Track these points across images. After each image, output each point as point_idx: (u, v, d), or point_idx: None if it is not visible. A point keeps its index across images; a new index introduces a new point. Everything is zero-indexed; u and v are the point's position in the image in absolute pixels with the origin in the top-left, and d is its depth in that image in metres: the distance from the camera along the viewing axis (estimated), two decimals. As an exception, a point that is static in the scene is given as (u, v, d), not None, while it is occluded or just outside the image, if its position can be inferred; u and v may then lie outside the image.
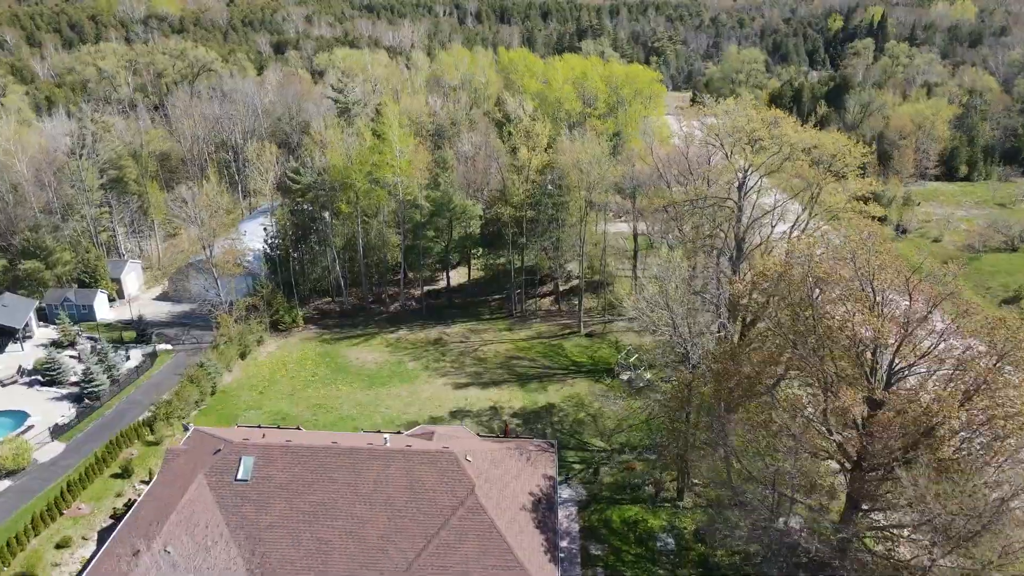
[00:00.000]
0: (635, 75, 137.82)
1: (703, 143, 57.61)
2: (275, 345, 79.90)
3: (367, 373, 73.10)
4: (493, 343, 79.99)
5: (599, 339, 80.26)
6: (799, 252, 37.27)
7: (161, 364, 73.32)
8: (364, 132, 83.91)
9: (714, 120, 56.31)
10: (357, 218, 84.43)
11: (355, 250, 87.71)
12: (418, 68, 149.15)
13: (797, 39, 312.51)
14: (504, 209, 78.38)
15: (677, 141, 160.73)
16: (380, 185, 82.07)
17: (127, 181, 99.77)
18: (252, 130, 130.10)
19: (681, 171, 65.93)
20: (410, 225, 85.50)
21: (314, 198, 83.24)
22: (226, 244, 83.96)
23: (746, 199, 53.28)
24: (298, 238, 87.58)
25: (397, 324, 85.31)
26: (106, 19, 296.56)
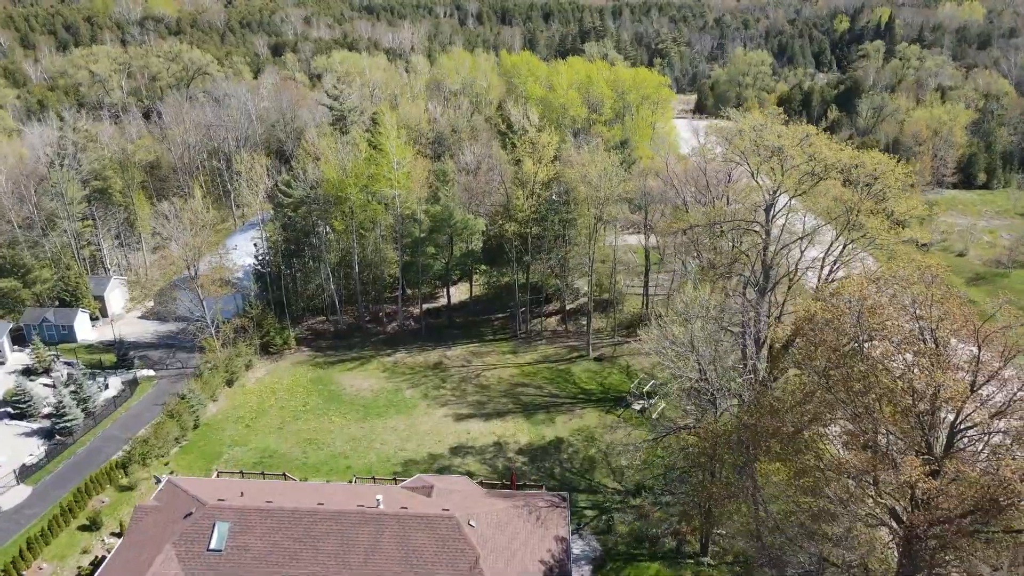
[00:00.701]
0: (642, 80, 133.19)
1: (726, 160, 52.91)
2: (265, 369, 75.24)
3: (362, 402, 68.40)
4: (496, 368, 75.29)
5: (609, 363, 75.56)
6: (849, 295, 32.55)
7: (142, 393, 68.62)
8: (360, 142, 79.20)
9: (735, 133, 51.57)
10: (352, 233, 79.74)
11: (351, 266, 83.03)
12: (417, 72, 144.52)
13: (803, 40, 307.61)
14: (508, 225, 73.65)
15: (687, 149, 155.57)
16: (377, 199, 77.41)
17: (112, 192, 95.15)
18: (246, 137, 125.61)
19: (699, 188, 61.26)
20: (409, 240, 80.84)
21: (307, 213, 78.56)
22: (213, 261, 79.38)
23: (774, 222, 48.63)
24: (290, 254, 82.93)
25: (395, 346, 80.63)
26: (102, 20, 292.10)
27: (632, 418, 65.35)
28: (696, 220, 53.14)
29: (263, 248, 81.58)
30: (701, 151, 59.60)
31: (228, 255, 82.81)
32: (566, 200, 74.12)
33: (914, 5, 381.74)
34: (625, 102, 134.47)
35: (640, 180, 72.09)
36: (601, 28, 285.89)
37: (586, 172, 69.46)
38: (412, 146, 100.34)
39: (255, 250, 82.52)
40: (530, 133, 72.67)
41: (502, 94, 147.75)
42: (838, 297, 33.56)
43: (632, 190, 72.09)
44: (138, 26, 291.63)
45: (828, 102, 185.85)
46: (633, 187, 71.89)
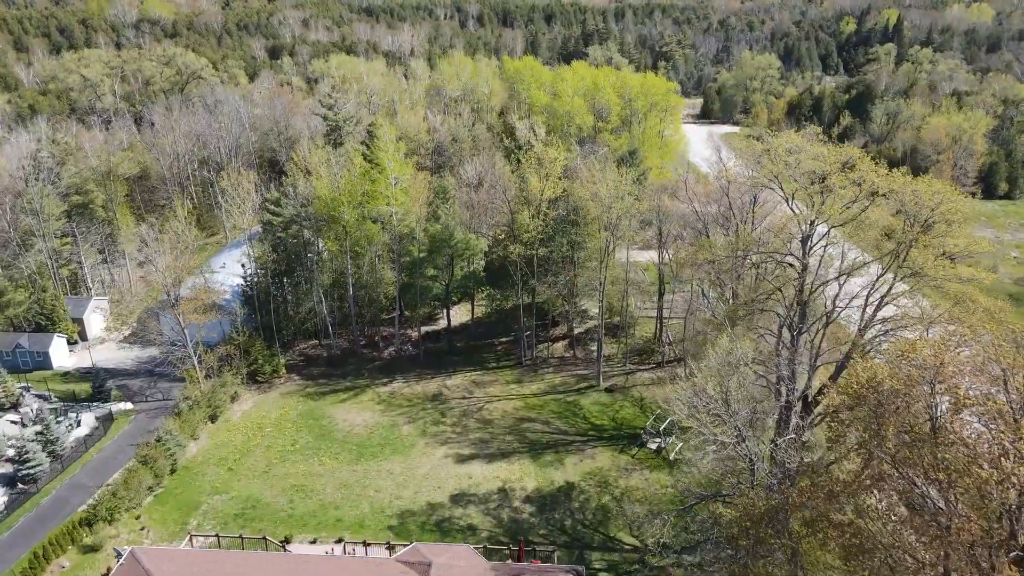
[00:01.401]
0: (650, 86, 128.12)
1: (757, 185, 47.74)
2: (252, 401, 70.13)
3: (355, 441, 63.24)
4: (500, 399, 70.14)
5: (621, 395, 70.40)
6: (923, 359, 27.42)
7: (118, 430, 63.49)
8: (355, 157, 74.07)
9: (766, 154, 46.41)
10: (346, 254, 74.64)
11: (345, 288, 77.93)
12: (417, 78, 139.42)
13: (809, 43, 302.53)
14: (513, 247, 68.50)
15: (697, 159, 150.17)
16: (372, 219, 72.32)
17: (94, 207, 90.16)
18: (237, 146, 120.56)
19: (721, 210, 56.16)
20: (407, 260, 75.85)
21: (297, 232, 73.49)
22: (197, 284, 74.33)
23: (811, 254, 43.56)
24: (280, 273, 77.82)
25: (391, 373, 75.51)
26: (96, 23, 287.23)
27: (648, 459, 60.20)
28: (723, 251, 47.97)
29: (251, 269, 76.47)
30: (726, 175, 54.41)
31: (214, 276, 77.83)
32: (574, 220, 68.97)
33: (920, 7, 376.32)
34: (632, 109, 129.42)
35: (655, 198, 66.89)
36: (604, 30, 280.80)
37: (597, 190, 64.29)
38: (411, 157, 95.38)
39: (243, 270, 77.45)
40: (536, 148, 67.47)
41: (504, 101, 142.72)
42: (908, 360, 28.40)
43: (646, 210, 66.99)
44: (133, 29, 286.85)
45: (840, 107, 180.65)
46: (647, 207, 66.76)
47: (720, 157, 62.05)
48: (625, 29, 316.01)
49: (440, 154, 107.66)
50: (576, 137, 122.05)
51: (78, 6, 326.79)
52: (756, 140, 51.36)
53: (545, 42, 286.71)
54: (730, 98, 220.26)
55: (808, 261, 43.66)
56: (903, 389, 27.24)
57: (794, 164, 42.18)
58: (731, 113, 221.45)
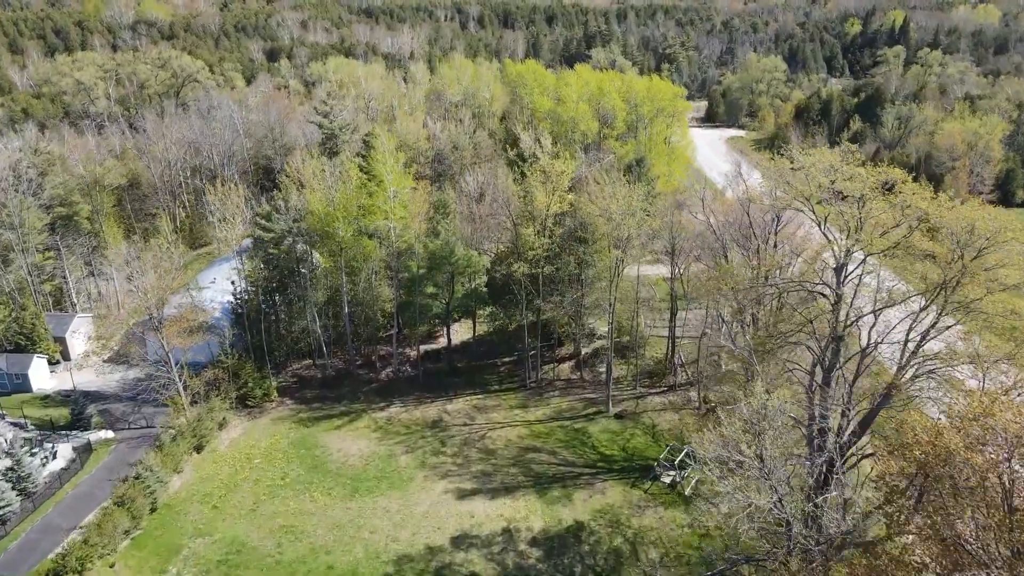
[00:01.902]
0: (656, 91, 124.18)
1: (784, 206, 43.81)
2: (241, 428, 66.24)
3: (350, 473, 59.32)
4: (504, 426, 66.24)
5: (632, 421, 66.46)
6: (1003, 424, 23.51)
7: (97, 463, 59.58)
8: (351, 169, 70.17)
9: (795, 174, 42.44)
10: (341, 271, 70.77)
11: (340, 305, 74.06)
12: (416, 82, 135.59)
13: (814, 44, 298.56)
14: (517, 265, 64.57)
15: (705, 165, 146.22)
16: (369, 235, 68.47)
17: (79, 219, 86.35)
18: (231, 154, 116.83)
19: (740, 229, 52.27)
20: (406, 276, 72.08)
21: (289, 249, 69.62)
22: (183, 303, 70.51)
23: (847, 284, 39.69)
24: (272, 290, 73.96)
25: (388, 397, 71.64)
26: (92, 25, 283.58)
27: (662, 494, 56.29)
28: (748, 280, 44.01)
29: (241, 285, 72.64)
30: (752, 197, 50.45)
31: (202, 293, 74.03)
32: (582, 237, 65.05)
33: (926, 8, 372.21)
34: (638, 115, 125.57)
35: (668, 215, 62.96)
36: (607, 32, 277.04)
37: (607, 206, 60.38)
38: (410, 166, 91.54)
39: (233, 287, 73.65)
40: (542, 160, 63.60)
41: (506, 105, 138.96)
42: (980, 424, 24.49)
43: (659, 227, 63.10)
44: (130, 30, 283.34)
45: (849, 111, 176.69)
46: (660, 223, 62.88)
47: (740, 172, 58.08)
48: (628, 31, 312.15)
49: (440, 162, 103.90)
50: (581, 144, 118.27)
51: (74, 7, 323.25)
52: (777, 154, 47.18)
53: (547, 44, 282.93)
54: (735, 101, 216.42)
55: (843, 291, 39.80)
56: (982, 464, 23.30)
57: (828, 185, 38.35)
58: (736, 116, 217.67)
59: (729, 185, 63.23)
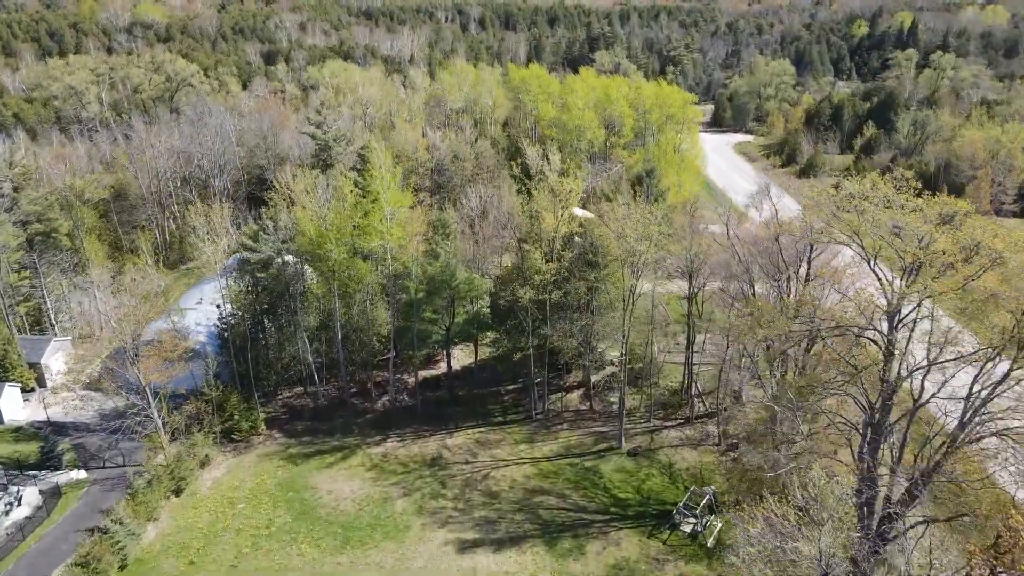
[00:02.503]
0: (666, 97, 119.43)
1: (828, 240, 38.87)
2: (225, 466, 61.45)
3: (341, 520, 54.50)
4: (509, 464, 61.41)
5: (646, 459, 61.60)
6: None
7: (65, 509, 54.76)
8: (345, 185, 65.34)
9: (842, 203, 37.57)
10: (334, 295, 65.96)
11: (333, 330, 69.24)
12: (416, 88, 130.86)
13: (820, 46, 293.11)
14: (523, 291, 59.69)
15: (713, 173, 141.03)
16: (364, 257, 63.71)
17: (58, 236, 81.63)
18: (224, 162, 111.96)
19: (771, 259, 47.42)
20: (404, 298, 67.39)
21: (278, 272, 64.81)
22: (165, 328, 65.78)
23: (899, 331, 34.89)
24: (262, 312, 69.17)
25: (385, 429, 66.84)
26: (87, 27, 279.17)
27: (682, 545, 51.47)
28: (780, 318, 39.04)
29: (227, 309, 67.81)
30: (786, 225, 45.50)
31: (185, 317, 69.27)
32: (593, 261, 60.20)
33: (933, 9, 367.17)
34: (647, 121, 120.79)
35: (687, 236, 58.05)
36: (611, 35, 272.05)
37: (621, 228, 55.53)
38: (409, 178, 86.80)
39: (219, 311, 68.83)
40: (550, 178, 58.81)
41: (509, 111, 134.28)
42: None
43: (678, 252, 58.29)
44: (126, 33, 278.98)
45: (861, 117, 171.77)
46: (679, 248, 58.06)
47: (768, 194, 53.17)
48: (632, 33, 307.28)
49: (440, 173, 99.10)
50: (587, 153, 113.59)
51: (69, 9, 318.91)
52: (814, 178, 42.40)
53: (549, 46, 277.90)
54: (743, 105, 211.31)
55: (895, 338, 35.01)
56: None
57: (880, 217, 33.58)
58: (743, 121, 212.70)
59: (753, 204, 58.38)
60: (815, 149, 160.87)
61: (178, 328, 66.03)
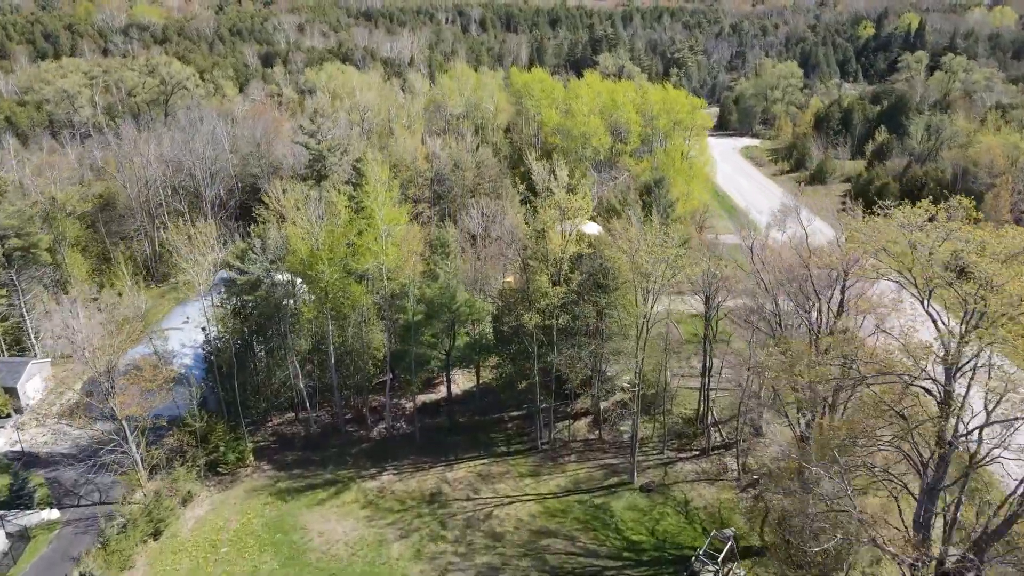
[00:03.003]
0: (673, 102, 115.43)
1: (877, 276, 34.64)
2: (209, 503, 57.35)
3: (332, 567, 50.40)
4: (513, 500, 57.29)
5: (660, 496, 57.45)
6: None
7: (34, 554, 50.66)
8: (339, 200, 61.25)
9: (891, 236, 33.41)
10: (327, 317, 61.87)
11: (326, 354, 65.15)
12: (415, 93, 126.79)
13: (826, 48, 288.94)
14: (528, 315, 55.57)
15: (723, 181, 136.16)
16: (358, 278, 59.63)
17: (38, 251, 77.62)
18: (216, 170, 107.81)
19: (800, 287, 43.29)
20: (402, 319, 63.37)
21: (266, 295, 60.68)
22: (146, 353, 61.74)
23: (957, 380, 30.81)
24: (252, 333, 65.08)
25: (381, 461, 62.74)
26: (83, 29, 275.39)
27: (702, 597, 47.34)
28: (823, 369, 34.83)
29: (213, 332, 63.70)
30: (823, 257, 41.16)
31: (167, 342, 65.17)
32: (602, 283, 56.08)
33: (939, 10, 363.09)
34: (654, 128, 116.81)
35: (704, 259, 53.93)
36: (613, 36, 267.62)
37: (634, 250, 51.41)
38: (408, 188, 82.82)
39: (204, 334, 64.71)
40: (557, 195, 54.68)
41: (511, 116, 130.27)
42: None
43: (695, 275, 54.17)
44: (122, 34, 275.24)
45: (871, 121, 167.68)
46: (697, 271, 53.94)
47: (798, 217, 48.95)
48: (635, 35, 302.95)
49: (440, 182, 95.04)
50: (592, 160, 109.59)
51: (65, 10, 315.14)
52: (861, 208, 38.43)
53: (551, 48, 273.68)
54: (749, 108, 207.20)
55: (954, 388, 30.94)
56: None
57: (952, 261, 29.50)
58: (750, 124, 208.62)
59: (776, 224, 54.25)
60: (825, 154, 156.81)
61: (160, 353, 61.86)
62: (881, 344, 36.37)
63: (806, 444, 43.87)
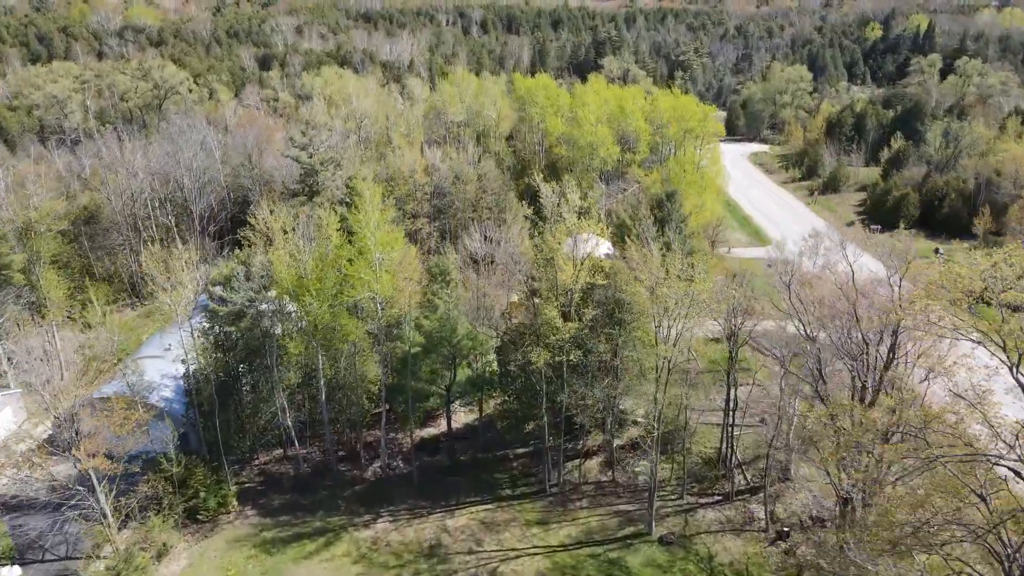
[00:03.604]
0: (684, 109, 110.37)
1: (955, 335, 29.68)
2: (186, 556, 52.40)
3: (319, 637, 45.44)
4: (519, 554, 52.27)
5: (680, 548, 52.42)
6: None
7: (-12, 622, 45.81)
8: (329, 224, 56.19)
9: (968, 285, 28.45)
10: (317, 351, 56.89)
11: (317, 387, 60.16)
12: (415, 99, 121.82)
13: (833, 50, 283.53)
14: (536, 353, 50.54)
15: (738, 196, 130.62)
16: (350, 309, 54.66)
17: (10, 273, 72.77)
18: (206, 181, 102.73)
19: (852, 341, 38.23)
20: (399, 349, 58.50)
21: (251, 325, 55.68)
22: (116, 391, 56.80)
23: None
24: (234, 369, 60.09)
25: (375, 506, 57.74)
26: (77, 31, 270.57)
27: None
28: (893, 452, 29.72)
29: (193, 364, 58.71)
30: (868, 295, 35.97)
31: (143, 376, 60.19)
32: (618, 318, 51.06)
33: (947, 11, 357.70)
34: (663, 136, 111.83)
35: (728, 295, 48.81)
36: (617, 39, 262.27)
37: (654, 282, 46.38)
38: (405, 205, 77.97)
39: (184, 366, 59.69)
40: (568, 219, 49.66)
41: (514, 123, 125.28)
42: None
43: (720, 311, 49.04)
44: (117, 37, 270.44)
45: (885, 126, 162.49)
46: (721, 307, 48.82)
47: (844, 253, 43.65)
48: (639, 37, 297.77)
49: (440, 196, 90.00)
50: (600, 171, 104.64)
51: (60, 12, 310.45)
52: (935, 254, 33.34)
53: (553, 50, 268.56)
54: (757, 113, 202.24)
55: (1049, 471, 26.05)
56: None
57: None
58: (758, 129, 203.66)
59: (809, 255, 49.18)
60: (838, 161, 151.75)
61: (135, 389, 56.89)
62: (937, 395, 31.30)
63: (849, 510, 38.86)
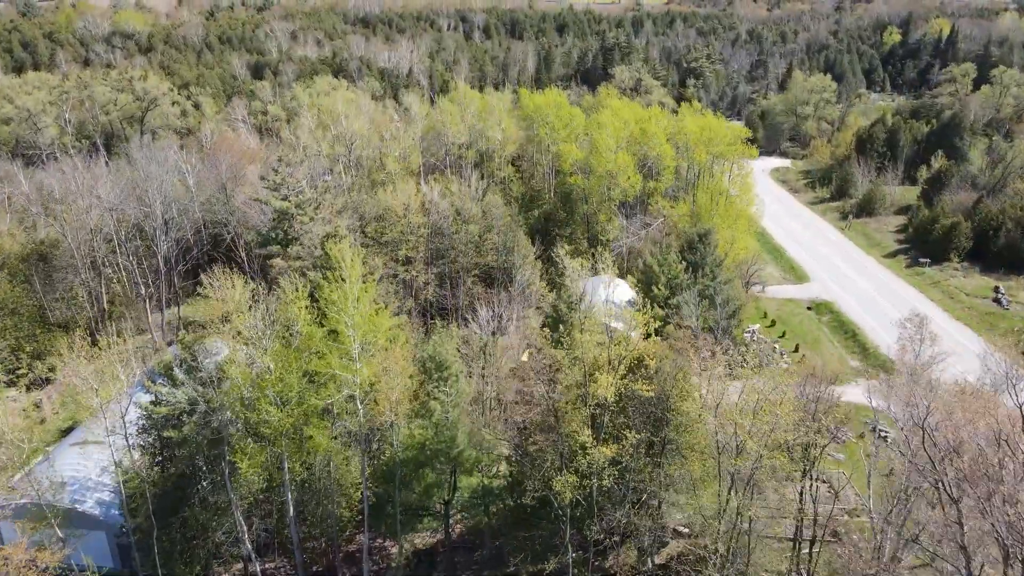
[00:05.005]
0: (713, 132, 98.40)
1: None
2: None
3: None
4: None
5: None
6: None
7: None
8: (297, 302, 44.27)
9: None
10: (281, 460, 45.16)
11: (284, 499, 48.48)
12: (412, 119, 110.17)
13: (851, 56, 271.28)
14: (560, 480, 38.70)
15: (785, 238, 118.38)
16: (322, 413, 42.92)
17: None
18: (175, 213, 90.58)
19: (990, 476, 26.56)
20: (385, 453, 46.90)
21: (197, 431, 43.96)
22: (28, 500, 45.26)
23: None
24: (176, 482, 48.39)
25: (355, 652, 46.02)
26: (63, 37, 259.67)
27: None
28: None
29: (129, 469, 47.13)
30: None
31: (61, 485, 48.56)
32: (666, 440, 39.27)
33: (966, 15, 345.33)
34: (690, 161, 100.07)
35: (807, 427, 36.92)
36: (626, 45, 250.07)
37: (716, 401, 34.59)
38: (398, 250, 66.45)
39: (113, 477, 48.02)
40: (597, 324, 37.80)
41: (521, 143, 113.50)
42: None
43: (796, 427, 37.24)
44: (104, 43, 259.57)
45: (919, 142, 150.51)
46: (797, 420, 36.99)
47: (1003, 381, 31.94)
48: (648, 42, 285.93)
49: (439, 236, 78.25)
50: (619, 202, 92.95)
51: (46, 18, 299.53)
52: None
53: (559, 56, 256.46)
54: (777, 125, 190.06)
55: None
56: None
57: None
58: (777, 142, 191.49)
59: (907, 344, 37.54)
60: (873, 181, 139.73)
61: (43, 497, 45.32)
62: None
63: None
